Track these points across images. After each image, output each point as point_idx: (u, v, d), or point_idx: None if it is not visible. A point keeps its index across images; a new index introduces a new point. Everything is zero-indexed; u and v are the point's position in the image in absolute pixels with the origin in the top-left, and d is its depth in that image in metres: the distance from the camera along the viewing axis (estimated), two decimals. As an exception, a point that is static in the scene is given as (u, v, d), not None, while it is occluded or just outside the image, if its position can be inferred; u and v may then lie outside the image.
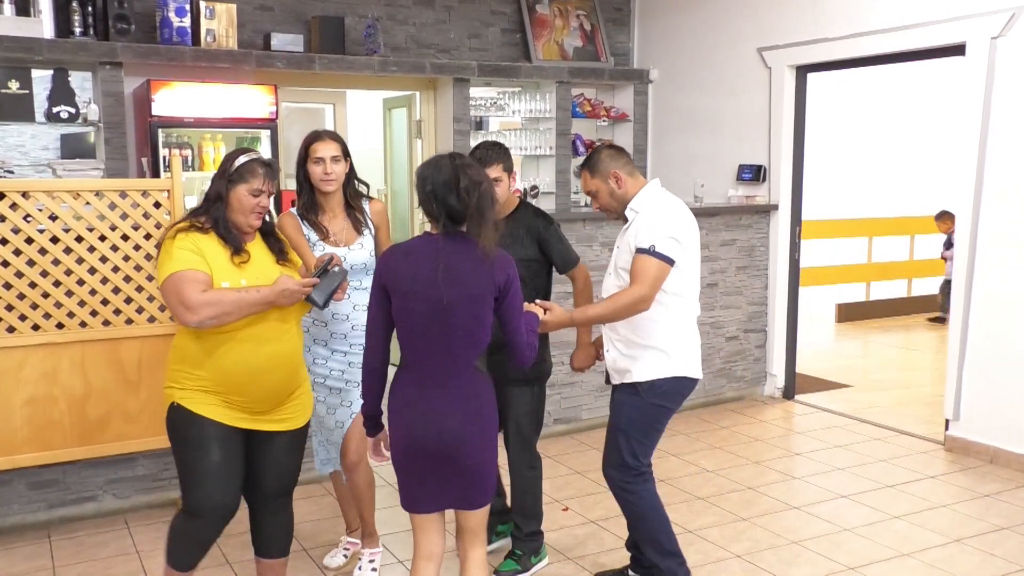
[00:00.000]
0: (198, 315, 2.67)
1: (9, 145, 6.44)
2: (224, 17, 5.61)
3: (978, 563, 3.74)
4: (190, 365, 2.81)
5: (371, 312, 2.63)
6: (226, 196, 2.82)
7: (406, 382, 2.61)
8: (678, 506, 4.36)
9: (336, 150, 3.37)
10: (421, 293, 2.51)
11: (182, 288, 2.68)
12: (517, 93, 6.98)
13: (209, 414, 2.81)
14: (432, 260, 2.52)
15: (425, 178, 2.56)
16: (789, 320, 6.31)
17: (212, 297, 2.69)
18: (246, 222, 2.85)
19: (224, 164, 2.87)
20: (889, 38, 5.34)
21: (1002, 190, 4.85)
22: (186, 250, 2.74)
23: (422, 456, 2.57)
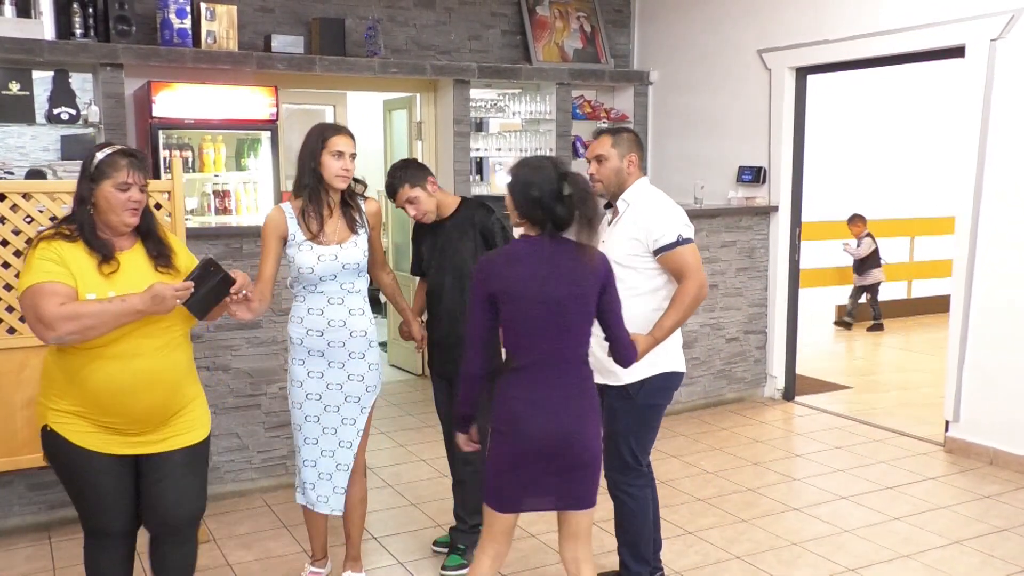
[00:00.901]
0: (56, 331, 2.43)
1: (9, 146, 6.45)
2: (225, 19, 5.62)
3: (978, 564, 3.75)
4: (57, 387, 2.59)
5: (474, 321, 2.62)
6: (91, 197, 2.55)
7: (519, 384, 2.61)
8: (678, 507, 4.36)
9: (354, 147, 3.26)
10: (535, 295, 2.56)
11: (38, 302, 2.43)
12: (517, 95, 6.98)
13: (88, 444, 2.58)
14: (543, 262, 2.57)
15: (530, 184, 2.57)
16: (789, 321, 6.31)
17: (70, 310, 2.43)
18: (120, 221, 2.58)
19: (84, 164, 2.60)
20: (889, 40, 5.35)
21: (1002, 191, 4.85)
22: (47, 260, 2.49)
23: (538, 456, 2.59)
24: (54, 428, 2.59)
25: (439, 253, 3.59)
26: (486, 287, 2.58)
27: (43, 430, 2.63)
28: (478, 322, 2.62)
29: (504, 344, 2.64)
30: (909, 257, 9.68)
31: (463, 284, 3.49)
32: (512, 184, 2.62)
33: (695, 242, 3.20)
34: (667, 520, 4.20)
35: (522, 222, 2.63)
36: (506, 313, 2.58)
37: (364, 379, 3.30)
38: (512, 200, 2.62)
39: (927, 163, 9.68)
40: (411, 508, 4.40)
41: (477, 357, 2.65)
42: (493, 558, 2.72)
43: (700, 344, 6.04)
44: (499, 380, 2.65)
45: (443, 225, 3.59)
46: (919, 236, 9.60)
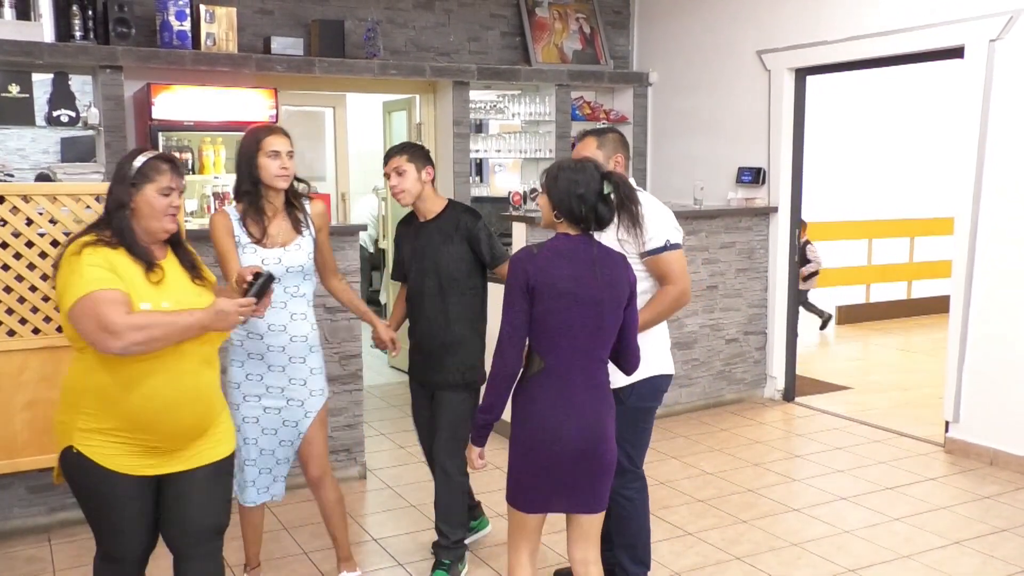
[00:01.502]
0: (123, 340, 2.29)
1: (9, 149, 6.46)
2: (224, 21, 5.62)
3: (978, 565, 3.75)
4: (94, 403, 2.43)
5: (514, 317, 2.55)
6: (131, 202, 2.47)
7: (545, 385, 2.58)
8: (678, 508, 4.36)
9: (290, 144, 3.18)
10: (580, 294, 2.55)
11: (103, 310, 2.29)
12: (517, 96, 6.99)
13: (117, 466, 2.45)
14: (586, 262, 2.58)
15: (576, 181, 2.58)
16: (789, 322, 6.31)
17: (140, 320, 2.32)
18: (160, 227, 2.51)
19: (121, 168, 2.51)
20: (888, 41, 5.35)
21: (1001, 191, 4.86)
22: (98, 267, 2.36)
23: (569, 459, 2.58)
24: (81, 449, 2.44)
25: (420, 255, 3.50)
26: (527, 278, 2.53)
27: (66, 451, 2.48)
28: (517, 316, 2.54)
29: (532, 343, 2.60)
30: (909, 258, 9.68)
31: (445, 288, 3.45)
32: (554, 182, 2.61)
33: (683, 248, 3.22)
34: (667, 521, 4.21)
35: (560, 220, 2.62)
36: (541, 310, 2.54)
37: (306, 383, 3.24)
38: (553, 198, 2.60)
39: (926, 164, 9.68)
40: (411, 509, 4.40)
41: (515, 354, 2.57)
42: (530, 555, 2.72)
43: (700, 345, 6.05)
44: (523, 381, 2.62)
45: (426, 227, 3.52)
46: (919, 237, 9.60)
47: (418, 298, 3.52)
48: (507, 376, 2.59)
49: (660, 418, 5.88)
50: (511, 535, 2.73)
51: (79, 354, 2.47)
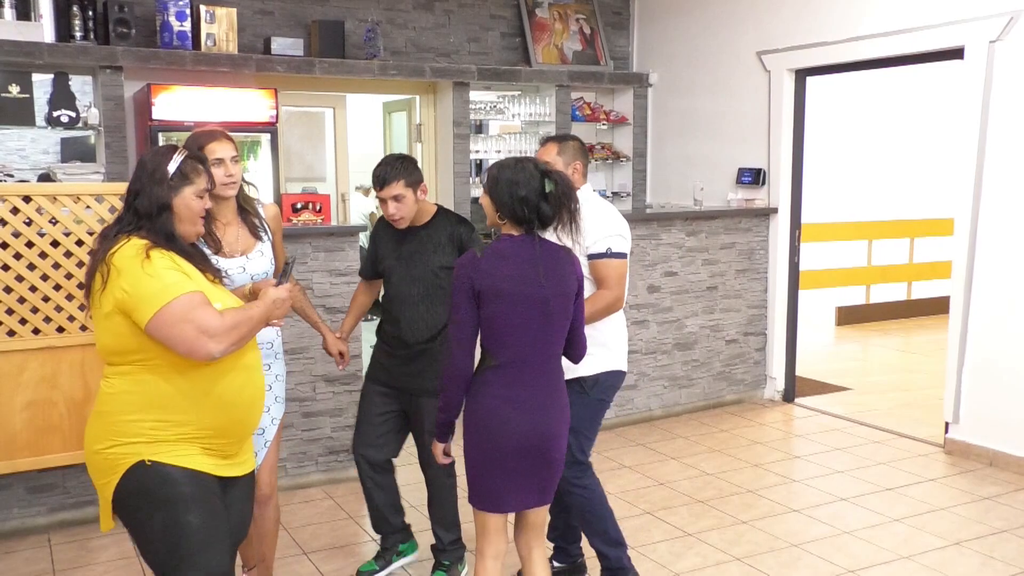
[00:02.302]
0: (223, 343, 2.22)
1: (9, 149, 6.46)
2: (224, 21, 5.62)
3: (978, 566, 3.75)
4: (165, 415, 2.27)
5: (462, 319, 2.58)
6: (172, 204, 2.35)
7: (497, 382, 2.62)
8: (678, 509, 4.36)
9: (234, 149, 2.98)
10: (524, 293, 2.58)
11: (199, 315, 2.19)
12: (517, 97, 6.99)
13: (202, 466, 2.31)
14: (530, 261, 2.61)
15: (516, 183, 2.60)
16: (789, 323, 6.31)
17: (230, 319, 2.25)
18: (195, 231, 2.43)
19: (156, 168, 2.35)
20: (888, 42, 5.35)
21: (1001, 192, 4.86)
22: (173, 271, 2.24)
23: (518, 454, 2.62)
24: (158, 459, 2.25)
25: (407, 261, 3.42)
26: (472, 284, 2.56)
27: (134, 470, 2.25)
28: (466, 319, 2.59)
29: (483, 342, 2.64)
30: (909, 258, 9.69)
31: (431, 295, 3.41)
32: (495, 184, 2.62)
33: (626, 256, 3.28)
34: (666, 522, 4.21)
35: (503, 222, 2.64)
36: (488, 311, 2.57)
37: (271, 388, 3.10)
38: (495, 200, 2.63)
39: (926, 165, 9.68)
40: (411, 510, 4.39)
41: (467, 356, 2.62)
42: (494, 558, 2.72)
43: (699, 346, 6.05)
44: (476, 376, 2.65)
45: (415, 232, 3.43)
46: (918, 237, 9.61)
47: (400, 303, 3.46)
48: (457, 376, 2.62)
49: (660, 419, 5.90)
50: (479, 536, 2.74)
51: (128, 369, 2.28)
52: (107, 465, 2.29)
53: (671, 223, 5.87)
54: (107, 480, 2.30)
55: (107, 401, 2.31)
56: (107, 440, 2.29)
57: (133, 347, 2.25)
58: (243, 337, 2.29)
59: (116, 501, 2.29)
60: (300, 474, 4.66)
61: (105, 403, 2.31)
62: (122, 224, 2.34)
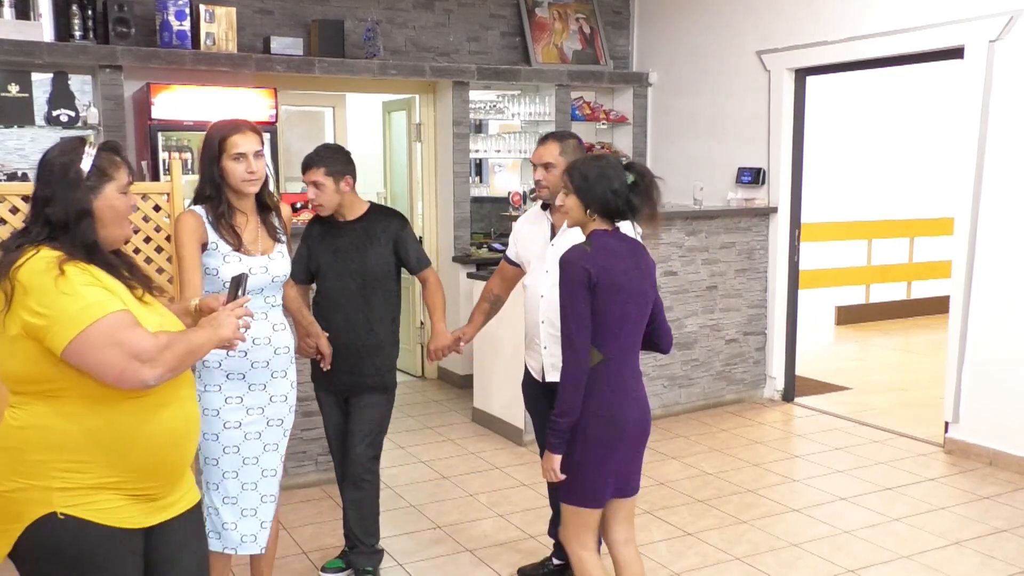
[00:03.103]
0: (159, 367, 1.90)
1: (9, 148, 6.45)
2: (224, 20, 5.62)
3: (977, 565, 3.75)
4: (88, 452, 1.94)
5: (582, 313, 2.56)
6: (92, 207, 2.00)
7: (605, 376, 2.63)
8: (678, 509, 4.36)
9: (259, 143, 2.85)
10: (634, 287, 2.65)
11: (127, 336, 1.87)
12: (516, 96, 6.99)
13: (119, 521, 1.98)
14: (631, 256, 2.68)
15: (608, 177, 2.62)
16: (788, 323, 6.31)
17: (165, 341, 1.93)
18: (124, 233, 2.11)
19: (65, 166, 2.00)
20: (887, 41, 5.35)
21: (1001, 193, 4.86)
22: (93, 287, 1.92)
23: (630, 444, 2.69)
24: (71, 512, 1.93)
25: (341, 256, 3.38)
26: (588, 276, 2.55)
27: (43, 522, 1.93)
28: (585, 313, 2.56)
29: (597, 336, 2.62)
30: (908, 258, 9.69)
31: (368, 290, 3.39)
32: (585, 181, 2.63)
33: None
34: (666, 521, 4.21)
35: (593, 218, 2.66)
36: (603, 305, 2.58)
37: (287, 399, 2.98)
38: (586, 196, 2.63)
39: (926, 164, 9.68)
40: (411, 510, 4.40)
41: (587, 350, 2.59)
42: (594, 550, 2.78)
43: (699, 345, 6.05)
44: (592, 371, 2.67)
45: (348, 227, 3.40)
46: (918, 237, 9.61)
47: (335, 300, 3.42)
48: (583, 372, 2.60)
49: (660, 418, 5.90)
50: (577, 536, 2.75)
51: (39, 400, 1.94)
52: (11, 510, 1.94)
53: (671, 223, 5.87)
54: (7, 528, 1.95)
55: (13, 435, 1.96)
56: (11, 480, 1.94)
57: (46, 375, 1.91)
58: (181, 362, 1.97)
59: (17, 552, 1.96)
60: (299, 473, 4.65)
61: (11, 437, 1.96)
62: (29, 236, 1.98)
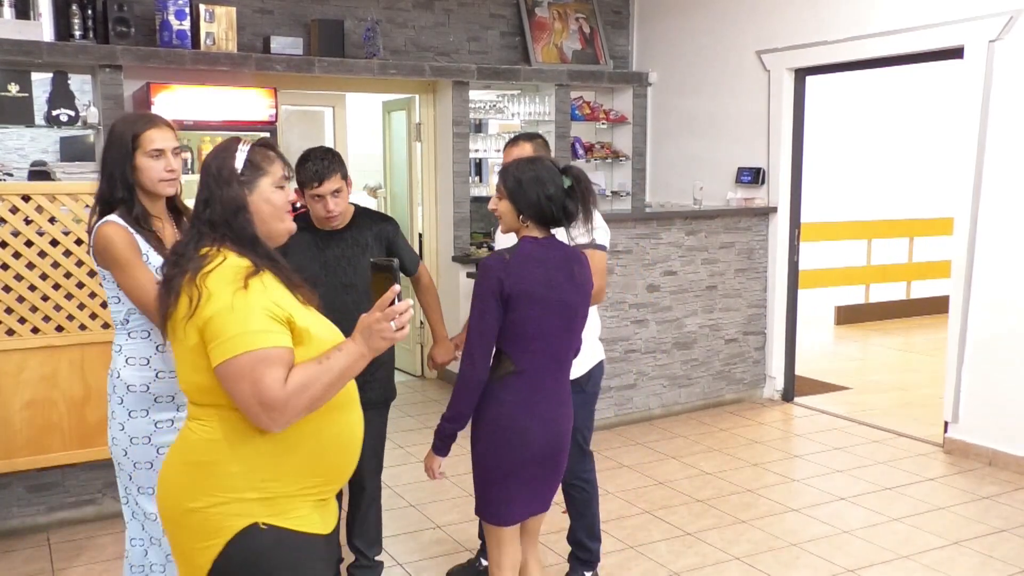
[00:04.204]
0: (282, 417, 1.82)
1: (8, 148, 6.45)
2: (224, 20, 5.62)
3: (977, 565, 3.75)
4: (283, 459, 1.90)
5: (485, 324, 2.46)
6: (248, 204, 1.97)
7: (520, 388, 2.53)
8: (677, 508, 4.36)
9: (175, 139, 2.66)
10: (554, 298, 2.51)
11: (262, 375, 1.80)
12: (516, 96, 6.99)
13: (316, 527, 1.97)
14: (557, 266, 2.53)
15: (541, 181, 2.50)
16: (788, 322, 6.31)
17: (298, 384, 1.82)
18: (284, 228, 2.04)
19: (219, 165, 1.97)
20: (887, 41, 5.35)
21: (1000, 193, 4.86)
22: (269, 312, 1.85)
23: (536, 463, 2.57)
24: (274, 522, 1.89)
25: (331, 270, 3.19)
26: (501, 287, 2.44)
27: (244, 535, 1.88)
28: (491, 326, 2.46)
29: (504, 347, 2.54)
30: (908, 258, 9.69)
31: (364, 303, 3.24)
32: (518, 185, 2.52)
33: (607, 252, 3.34)
34: (666, 521, 4.21)
35: (526, 224, 2.55)
36: (518, 316, 2.47)
37: None
38: (519, 201, 2.51)
39: (926, 164, 9.69)
40: (410, 510, 4.40)
41: (485, 361, 2.49)
42: (512, 569, 2.67)
43: (699, 345, 6.05)
44: (489, 383, 2.54)
45: (338, 236, 3.22)
46: (918, 237, 9.61)
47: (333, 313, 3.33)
48: (478, 383, 2.51)
49: (659, 418, 5.90)
50: (490, 551, 2.66)
51: (228, 410, 1.88)
52: (209, 527, 1.88)
53: (670, 222, 5.87)
54: (206, 544, 1.89)
55: (205, 449, 1.90)
56: (209, 496, 1.88)
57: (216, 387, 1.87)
58: (316, 399, 1.85)
59: (217, 570, 1.89)
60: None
61: (203, 451, 1.90)
62: (199, 239, 1.94)
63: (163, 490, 1.98)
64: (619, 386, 5.72)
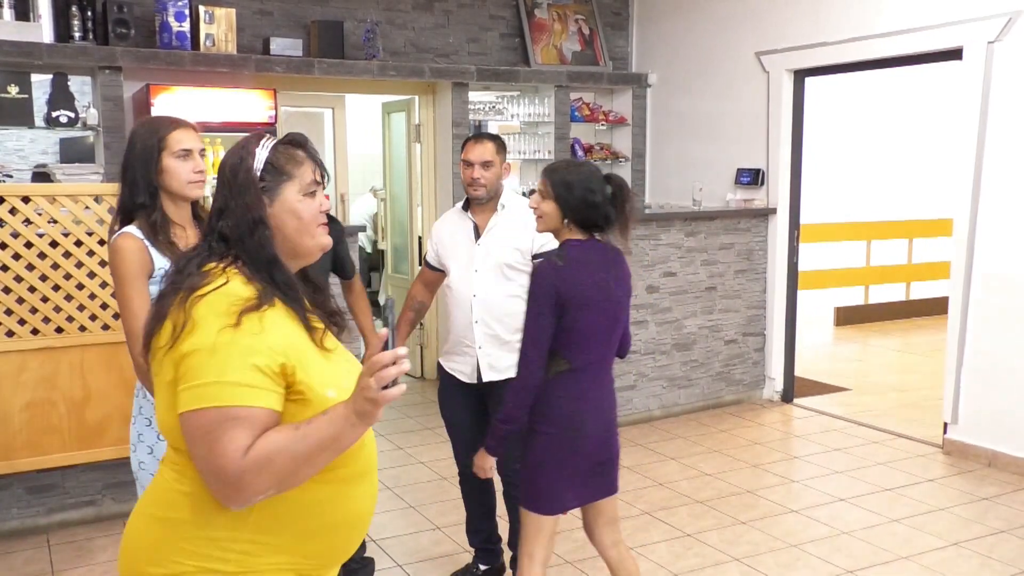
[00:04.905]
0: (242, 493, 1.49)
1: (8, 149, 6.45)
2: (223, 21, 5.62)
3: (976, 566, 3.75)
4: (261, 529, 1.57)
5: (540, 329, 2.54)
6: (268, 216, 1.62)
7: (574, 385, 2.63)
8: (677, 510, 4.36)
9: (201, 140, 2.53)
10: (605, 299, 2.62)
11: (222, 439, 1.47)
12: (516, 97, 6.99)
13: None
14: (604, 267, 2.64)
15: (591, 188, 2.59)
16: (788, 323, 6.31)
17: (262, 452, 1.48)
18: (316, 245, 1.68)
19: (234, 165, 1.63)
20: (887, 42, 5.35)
21: (1000, 194, 4.86)
22: (250, 366, 1.50)
23: (593, 455, 2.67)
24: None
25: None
26: (557, 292, 2.53)
27: None
28: (544, 328, 2.54)
29: (557, 348, 2.61)
30: (907, 259, 9.69)
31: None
32: (567, 190, 2.59)
33: None
34: (665, 522, 4.21)
35: (567, 227, 2.63)
36: (572, 319, 2.56)
37: None
38: (566, 204, 2.59)
39: (925, 165, 9.69)
40: (410, 511, 4.40)
41: (540, 365, 2.58)
42: (544, 564, 2.73)
43: (698, 346, 6.05)
44: (547, 382, 2.63)
45: None
46: (917, 238, 9.62)
47: None
48: (534, 386, 2.60)
49: (659, 419, 5.90)
50: (528, 542, 2.71)
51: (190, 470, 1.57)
52: None
53: (670, 223, 5.87)
54: None
55: (177, 504, 1.57)
56: (174, 562, 1.55)
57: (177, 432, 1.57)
58: (284, 475, 1.50)
59: None
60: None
61: (172, 505, 1.58)
62: (207, 253, 1.63)
63: (124, 545, 1.64)
64: (619, 387, 5.70)
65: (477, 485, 3.50)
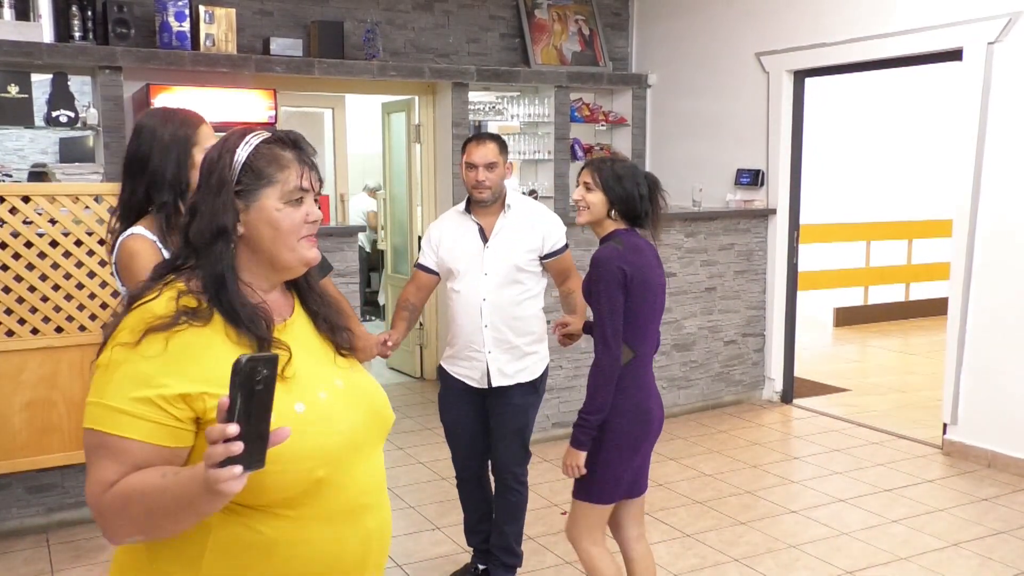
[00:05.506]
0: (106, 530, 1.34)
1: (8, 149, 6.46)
2: (223, 21, 5.62)
3: (976, 567, 3.75)
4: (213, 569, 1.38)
5: (616, 313, 2.60)
6: (234, 227, 1.44)
7: (638, 373, 2.69)
8: (676, 510, 4.37)
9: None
10: (657, 283, 2.73)
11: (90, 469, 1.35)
12: (516, 97, 6.99)
13: None
14: (652, 253, 2.77)
15: (638, 184, 2.71)
16: (787, 324, 6.32)
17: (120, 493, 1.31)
18: (298, 258, 1.48)
19: (214, 163, 1.46)
20: (886, 43, 5.36)
21: (999, 194, 4.86)
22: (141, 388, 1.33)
23: (654, 437, 2.77)
24: None
25: None
26: (623, 274, 2.60)
27: None
28: (619, 310, 2.60)
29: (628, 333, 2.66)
30: (907, 260, 9.70)
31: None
32: (618, 183, 2.69)
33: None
34: (665, 523, 4.21)
35: (613, 218, 2.72)
36: (635, 303, 2.63)
37: None
38: (616, 195, 2.69)
39: (925, 166, 9.70)
40: (410, 511, 4.40)
41: (619, 348, 2.62)
42: (605, 546, 2.78)
43: (698, 347, 6.05)
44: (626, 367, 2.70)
45: None
46: (917, 239, 9.62)
47: None
48: (616, 371, 2.63)
49: (658, 420, 5.90)
50: (589, 532, 2.76)
51: None
52: None
53: (670, 224, 5.87)
54: None
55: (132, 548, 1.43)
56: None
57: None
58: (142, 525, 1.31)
59: None
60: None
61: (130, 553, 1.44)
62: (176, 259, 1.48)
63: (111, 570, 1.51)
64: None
65: (475, 487, 3.51)
